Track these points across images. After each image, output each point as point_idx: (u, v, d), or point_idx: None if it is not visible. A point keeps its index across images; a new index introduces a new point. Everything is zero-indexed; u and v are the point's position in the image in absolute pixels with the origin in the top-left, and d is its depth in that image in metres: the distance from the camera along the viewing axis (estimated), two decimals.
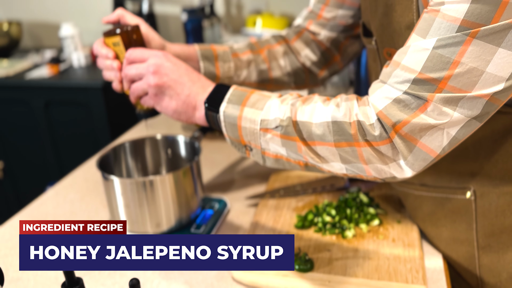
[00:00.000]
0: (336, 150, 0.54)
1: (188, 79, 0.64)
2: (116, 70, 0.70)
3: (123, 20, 0.71)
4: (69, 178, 1.03)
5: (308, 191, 0.86)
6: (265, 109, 0.58)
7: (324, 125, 0.54)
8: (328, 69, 0.88)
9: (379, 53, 0.66)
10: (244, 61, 0.80)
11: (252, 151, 0.62)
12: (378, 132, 0.51)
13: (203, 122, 0.65)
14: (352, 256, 0.69)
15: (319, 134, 0.55)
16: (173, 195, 0.76)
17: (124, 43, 0.68)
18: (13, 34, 1.99)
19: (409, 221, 0.77)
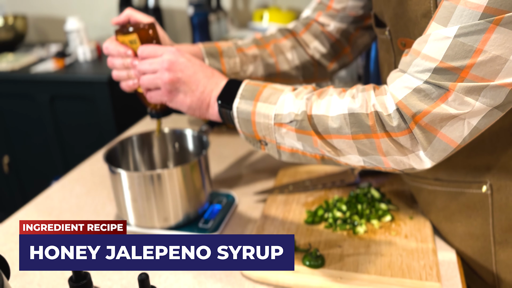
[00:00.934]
0: (353, 142, 0.53)
1: (203, 75, 0.63)
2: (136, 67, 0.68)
3: (133, 19, 0.70)
4: (75, 172, 1.02)
5: (317, 187, 0.84)
6: (278, 104, 0.57)
7: (341, 118, 0.53)
8: (338, 62, 0.86)
9: (393, 43, 0.65)
10: (249, 56, 0.79)
11: (267, 145, 0.60)
12: (397, 123, 0.50)
13: (217, 118, 0.64)
14: (364, 253, 0.67)
15: (336, 127, 0.53)
16: (181, 189, 0.74)
17: (142, 40, 0.67)
18: (19, 28, 1.98)
19: (422, 217, 0.75)
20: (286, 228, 0.74)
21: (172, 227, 0.76)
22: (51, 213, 0.86)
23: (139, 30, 0.67)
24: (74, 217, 0.84)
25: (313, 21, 0.84)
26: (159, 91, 0.65)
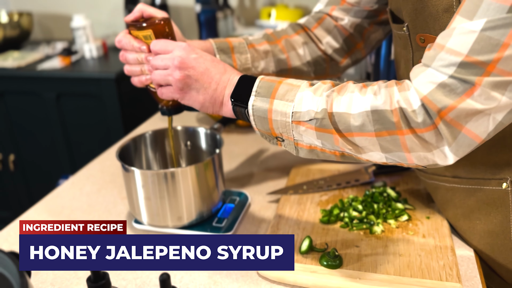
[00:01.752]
0: (376, 140, 0.52)
1: (216, 71, 0.62)
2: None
3: (146, 13, 0.69)
4: (84, 170, 1.01)
5: (332, 187, 0.83)
6: (296, 101, 0.56)
7: (363, 115, 0.52)
8: (350, 57, 0.85)
9: (411, 39, 0.64)
10: (261, 52, 0.78)
11: (284, 142, 0.59)
12: (422, 119, 0.49)
13: (231, 115, 0.63)
14: (381, 253, 0.66)
15: (358, 125, 0.52)
16: (194, 188, 0.73)
17: (157, 36, 0.66)
18: (24, 25, 1.97)
19: (439, 217, 0.74)
20: (301, 228, 0.73)
21: (186, 226, 0.76)
22: (61, 212, 0.86)
23: (155, 25, 0.66)
24: (85, 216, 0.83)
25: (326, 15, 0.83)
26: (171, 88, 0.64)
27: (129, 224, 0.80)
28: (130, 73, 0.71)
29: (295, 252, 0.67)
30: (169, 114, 0.73)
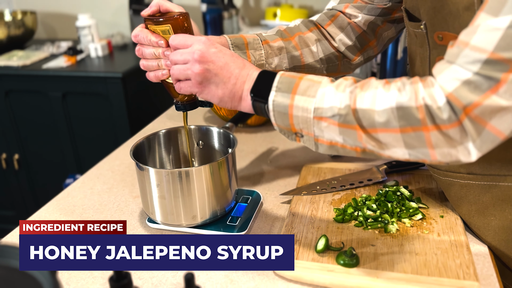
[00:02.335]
0: (400, 136, 0.52)
1: (235, 66, 0.62)
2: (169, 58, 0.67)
3: (163, 8, 0.69)
4: (94, 169, 1.01)
5: (345, 187, 0.83)
6: (318, 97, 0.56)
7: (388, 112, 0.52)
8: (363, 55, 0.86)
9: (428, 37, 0.64)
10: (275, 48, 0.78)
11: (303, 137, 0.59)
12: (447, 115, 0.49)
13: (249, 111, 0.63)
14: (398, 251, 0.66)
15: (382, 121, 0.52)
16: (209, 187, 0.73)
17: (175, 30, 0.65)
18: (28, 24, 1.96)
19: (453, 215, 0.74)
20: (316, 226, 0.73)
21: (199, 225, 0.76)
22: (73, 211, 0.85)
23: (174, 19, 0.65)
24: (97, 215, 0.83)
25: (339, 12, 0.83)
26: (189, 82, 0.64)
27: (143, 223, 0.80)
28: (146, 68, 0.71)
29: (311, 251, 0.67)
30: (184, 110, 0.73)
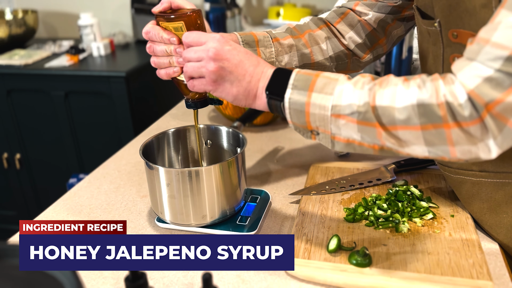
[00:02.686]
0: (421, 133, 0.52)
1: (249, 63, 0.61)
2: (181, 55, 0.66)
3: (174, 4, 0.68)
4: (100, 169, 1.01)
5: (354, 186, 0.83)
6: (336, 94, 0.56)
7: (409, 109, 0.52)
8: (372, 52, 0.85)
9: (442, 35, 0.64)
10: (285, 46, 0.78)
11: (319, 135, 0.59)
12: (469, 112, 0.49)
13: (264, 108, 0.62)
14: (410, 251, 0.66)
15: (403, 118, 0.52)
16: (219, 186, 0.73)
17: (188, 27, 0.65)
18: (29, 23, 1.95)
19: (463, 214, 0.74)
20: (326, 226, 0.73)
21: (209, 225, 0.75)
22: (80, 210, 0.85)
23: (187, 16, 0.65)
24: (105, 214, 0.83)
25: (349, 10, 0.83)
26: (203, 80, 0.63)
27: (151, 223, 0.79)
28: (158, 65, 0.70)
29: (323, 251, 0.67)
30: (195, 107, 0.73)
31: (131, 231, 0.77)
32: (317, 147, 1.06)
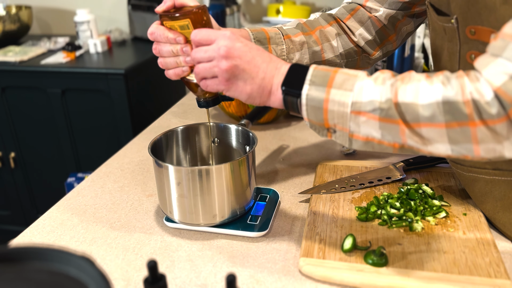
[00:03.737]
0: (445, 131, 0.51)
1: (262, 60, 0.60)
2: (188, 54, 0.64)
3: (178, 3, 0.66)
4: (103, 167, 0.99)
5: (364, 185, 0.82)
6: (356, 90, 0.54)
7: (434, 106, 0.51)
8: (382, 49, 0.85)
9: (459, 31, 0.63)
10: (296, 43, 0.77)
11: (336, 133, 0.57)
12: (496, 110, 0.48)
13: (278, 105, 0.61)
14: (425, 250, 0.66)
15: (427, 115, 0.51)
16: (229, 185, 0.72)
17: (194, 25, 0.63)
18: (24, 19, 1.92)
19: (475, 213, 0.74)
20: (339, 225, 0.72)
21: (219, 224, 0.74)
22: (85, 210, 0.83)
23: (193, 14, 0.63)
24: (111, 214, 0.81)
25: (359, 6, 0.82)
26: (216, 80, 0.61)
27: (159, 222, 0.77)
28: (165, 66, 0.69)
29: (338, 250, 0.66)
30: (207, 106, 0.71)
31: (139, 231, 0.76)
32: (322, 145, 1.05)
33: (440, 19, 0.67)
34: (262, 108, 0.94)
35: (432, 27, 0.73)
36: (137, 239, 0.74)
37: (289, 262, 0.67)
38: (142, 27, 1.88)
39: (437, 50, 0.72)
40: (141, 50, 1.77)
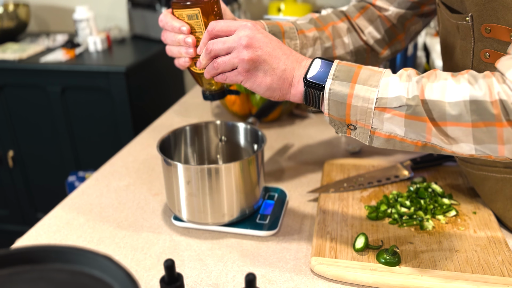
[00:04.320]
0: (471, 131, 0.51)
1: (282, 52, 0.59)
2: (190, 46, 0.64)
3: None
4: (107, 166, 0.98)
5: (373, 184, 0.82)
6: (381, 87, 0.54)
7: (461, 105, 0.50)
8: (390, 48, 0.84)
9: (474, 29, 0.63)
10: (310, 39, 0.76)
11: (356, 130, 0.57)
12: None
13: (298, 99, 0.60)
14: (437, 249, 0.65)
15: (454, 114, 0.50)
16: (238, 184, 0.71)
17: (204, 15, 0.62)
18: (21, 16, 1.90)
19: (485, 211, 0.73)
20: (349, 224, 0.72)
21: (228, 223, 0.73)
22: (91, 209, 0.82)
23: (203, 3, 0.62)
24: (117, 213, 0.80)
25: (369, 5, 0.81)
26: (235, 71, 0.60)
27: (167, 222, 0.77)
28: (171, 55, 0.68)
29: (349, 249, 0.65)
30: (212, 99, 0.70)
31: (147, 230, 0.75)
32: (327, 144, 1.05)
33: (454, 17, 0.67)
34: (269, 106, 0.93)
35: (443, 25, 0.73)
36: (145, 238, 0.73)
37: (300, 261, 0.66)
38: (141, 25, 1.87)
39: (448, 48, 0.72)
40: (141, 48, 1.75)
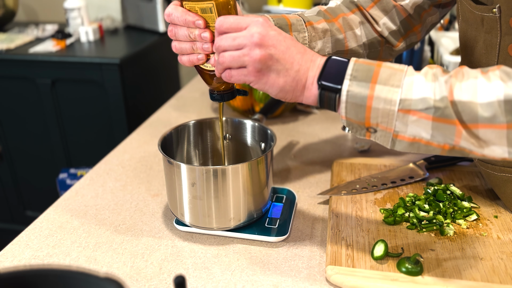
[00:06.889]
0: (506, 133, 0.46)
1: (296, 50, 0.54)
2: (207, 41, 0.59)
3: None
4: (102, 164, 0.92)
5: (387, 185, 0.77)
6: (405, 87, 0.49)
7: (494, 105, 0.46)
8: (405, 40, 0.80)
9: (501, 22, 0.58)
10: (319, 31, 0.71)
11: (377, 133, 0.52)
12: None
13: (312, 102, 0.55)
14: (460, 256, 0.61)
15: (487, 116, 0.46)
16: (246, 186, 0.66)
17: (219, 9, 0.57)
18: (9, 5, 1.81)
19: (507, 215, 0.69)
20: (365, 229, 0.67)
21: (234, 228, 0.68)
22: (86, 212, 0.76)
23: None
24: (114, 216, 0.75)
25: None
26: (244, 70, 0.55)
27: (168, 225, 0.72)
28: (179, 51, 0.62)
29: (367, 257, 0.61)
30: (221, 100, 0.65)
31: (147, 235, 0.70)
32: (334, 141, 1.00)
33: (478, 8, 0.62)
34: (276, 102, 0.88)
35: (464, 17, 0.68)
36: (145, 243, 0.68)
37: (314, 270, 0.62)
38: (135, 15, 1.80)
39: (469, 42, 0.68)
40: (135, 39, 1.69)
